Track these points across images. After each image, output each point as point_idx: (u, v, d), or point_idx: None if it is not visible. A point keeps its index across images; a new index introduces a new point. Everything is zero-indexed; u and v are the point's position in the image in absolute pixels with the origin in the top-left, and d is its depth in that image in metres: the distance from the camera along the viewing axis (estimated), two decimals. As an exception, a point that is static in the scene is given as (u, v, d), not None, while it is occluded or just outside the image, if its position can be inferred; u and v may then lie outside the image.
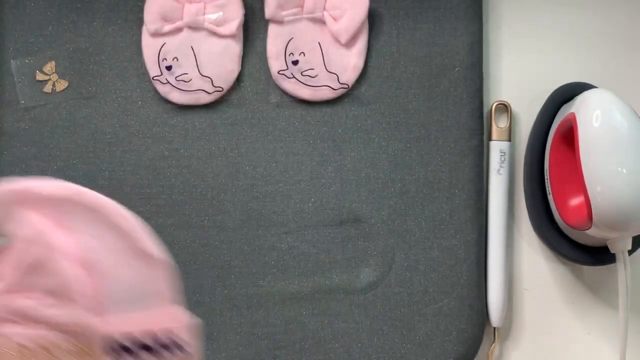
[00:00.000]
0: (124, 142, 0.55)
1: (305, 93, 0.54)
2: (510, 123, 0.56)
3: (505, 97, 0.57)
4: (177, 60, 0.55)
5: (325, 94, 0.54)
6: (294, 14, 0.54)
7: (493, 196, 0.56)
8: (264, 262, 0.54)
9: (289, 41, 0.54)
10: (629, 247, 0.50)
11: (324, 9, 0.54)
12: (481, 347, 0.55)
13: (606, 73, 0.57)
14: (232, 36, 0.54)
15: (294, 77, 0.54)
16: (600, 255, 0.54)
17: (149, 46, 0.55)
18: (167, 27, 0.54)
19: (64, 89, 0.55)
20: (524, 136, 0.57)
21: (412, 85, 0.55)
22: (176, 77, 0.55)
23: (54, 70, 0.55)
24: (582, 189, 0.48)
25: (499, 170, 0.56)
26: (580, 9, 0.58)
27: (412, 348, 0.54)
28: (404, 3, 0.56)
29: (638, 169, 0.46)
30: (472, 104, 0.55)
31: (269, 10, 0.54)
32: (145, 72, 0.55)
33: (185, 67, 0.55)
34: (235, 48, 0.55)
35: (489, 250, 0.55)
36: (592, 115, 0.47)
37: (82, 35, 0.56)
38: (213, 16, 0.54)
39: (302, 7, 0.54)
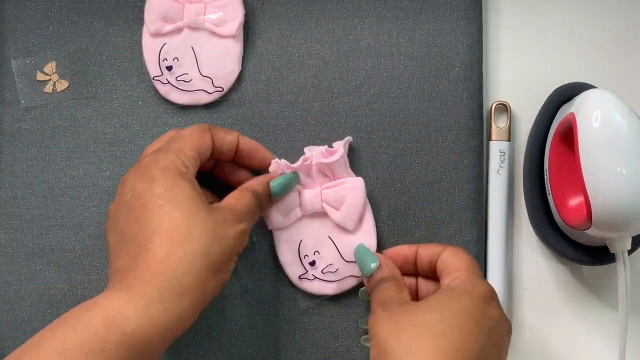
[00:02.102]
0: (124, 142, 0.55)
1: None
2: (510, 123, 0.57)
3: (504, 97, 0.58)
4: (178, 60, 0.55)
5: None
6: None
7: (493, 196, 0.56)
8: (264, 262, 0.54)
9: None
10: (629, 247, 0.50)
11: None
12: (481, 347, 0.55)
13: (606, 73, 0.58)
14: (232, 36, 0.55)
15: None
16: (599, 255, 0.54)
17: (150, 46, 0.55)
18: (168, 28, 0.55)
19: (64, 89, 0.56)
20: (524, 136, 0.57)
21: (412, 85, 0.55)
22: (176, 77, 0.55)
23: (54, 71, 0.55)
24: (581, 189, 0.48)
25: (498, 170, 0.56)
26: (580, 10, 0.58)
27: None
28: (404, 3, 0.56)
29: (638, 169, 0.46)
30: (472, 104, 0.55)
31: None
32: (145, 72, 0.55)
33: (186, 67, 0.55)
34: (235, 48, 0.55)
35: (489, 250, 0.55)
36: (592, 115, 0.47)
37: (82, 35, 0.56)
38: (213, 16, 0.54)
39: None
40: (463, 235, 0.54)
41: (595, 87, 0.53)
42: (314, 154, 0.52)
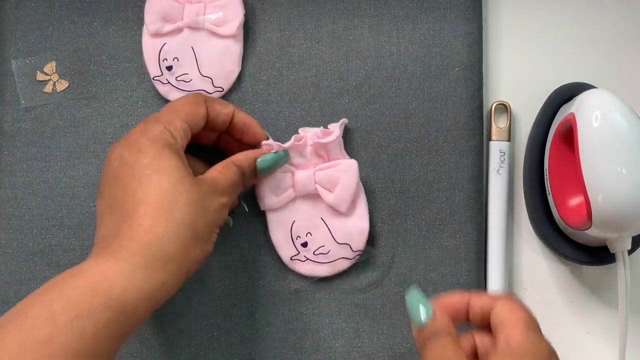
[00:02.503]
0: (124, 142, 0.55)
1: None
2: (510, 123, 0.57)
3: (504, 97, 0.58)
4: (178, 60, 0.55)
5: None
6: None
7: (493, 196, 0.56)
8: (265, 262, 0.54)
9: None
10: (629, 247, 0.50)
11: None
12: (481, 347, 0.55)
13: (606, 73, 0.58)
14: (232, 36, 0.55)
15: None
16: (599, 255, 0.54)
17: (150, 46, 0.55)
18: (168, 28, 0.55)
19: (64, 89, 0.56)
20: (524, 136, 0.57)
21: (412, 85, 0.55)
22: (176, 77, 0.55)
23: (54, 71, 0.55)
24: (581, 189, 0.48)
25: (498, 170, 0.56)
26: (580, 10, 0.58)
27: (412, 348, 0.54)
28: (404, 3, 0.56)
29: (638, 169, 0.46)
30: (472, 104, 0.55)
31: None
32: (145, 72, 0.55)
33: (186, 67, 0.55)
34: (235, 48, 0.55)
35: (489, 250, 0.55)
36: (592, 115, 0.47)
37: (82, 35, 0.56)
38: (213, 16, 0.54)
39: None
40: (463, 235, 0.54)
41: (595, 87, 0.53)
42: (309, 134, 0.52)
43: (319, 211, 0.53)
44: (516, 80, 0.58)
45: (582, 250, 0.54)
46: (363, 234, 0.53)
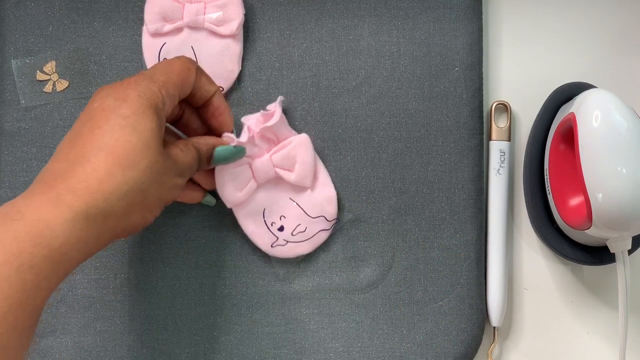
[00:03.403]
0: (124, 142, 0.55)
1: None
2: (510, 123, 0.57)
3: (504, 97, 0.58)
4: (178, 60, 0.55)
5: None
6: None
7: (493, 196, 0.56)
8: (265, 262, 0.54)
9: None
10: (629, 247, 0.50)
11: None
12: (481, 347, 0.55)
13: (606, 73, 0.58)
14: (232, 36, 0.55)
15: None
16: (600, 255, 0.54)
17: (150, 46, 0.55)
18: (167, 27, 0.55)
19: (64, 89, 0.56)
20: (524, 136, 0.57)
21: (412, 85, 0.55)
22: (176, 77, 0.55)
23: (54, 70, 0.55)
24: (581, 188, 0.48)
25: (498, 170, 0.56)
26: (580, 10, 0.58)
27: (412, 347, 0.54)
28: (404, 3, 0.56)
29: (638, 169, 0.46)
30: (472, 104, 0.55)
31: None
32: (145, 72, 0.55)
33: (186, 67, 0.55)
34: (235, 48, 0.55)
35: (489, 249, 0.55)
36: (592, 115, 0.47)
37: (82, 35, 0.56)
38: (213, 16, 0.54)
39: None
40: (463, 235, 0.54)
41: (595, 87, 0.53)
42: (252, 122, 0.52)
43: (286, 192, 0.53)
44: (516, 80, 0.58)
45: (582, 250, 0.54)
46: (332, 201, 0.53)
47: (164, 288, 0.54)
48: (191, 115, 0.51)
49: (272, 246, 0.53)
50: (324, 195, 0.53)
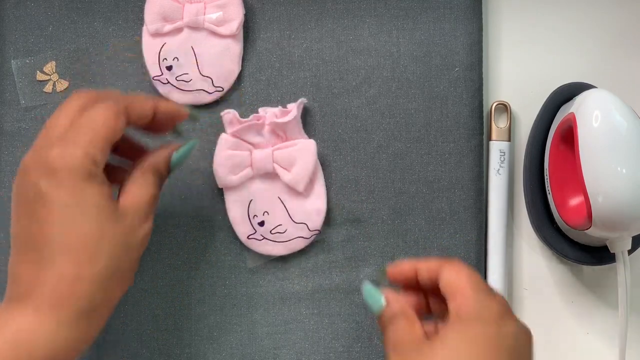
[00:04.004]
0: (124, 142, 0.55)
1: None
2: (510, 123, 0.57)
3: (504, 97, 0.58)
4: (178, 60, 0.55)
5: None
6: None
7: (493, 196, 0.56)
8: (265, 262, 0.54)
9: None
10: (629, 247, 0.50)
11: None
12: (481, 347, 0.55)
13: (606, 73, 0.58)
14: (232, 36, 0.55)
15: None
16: (600, 255, 0.54)
17: (150, 46, 0.55)
18: (168, 27, 0.55)
19: (64, 89, 0.56)
20: (524, 136, 0.57)
21: (412, 85, 0.55)
22: (176, 77, 0.55)
23: (54, 70, 0.55)
24: (581, 188, 0.48)
25: (498, 170, 0.56)
26: (580, 9, 0.58)
27: (412, 348, 0.54)
28: (404, 3, 0.56)
29: (638, 169, 0.46)
30: (472, 104, 0.55)
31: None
32: (145, 72, 0.55)
33: (186, 67, 0.55)
34: (235, 48, 0.55)
35: (489, 250, 0.55)
36: (592, 115, 0.47)
37: (82, 35, 0.56)
38: (213, 16, 0.54)
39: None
40: (463, 235, 0.54)
41: (595, 87, 0.53)
42: (268, 114, 0.52)
43: (277, 190, 0.53)
44: (516, 80, 0.58)
45: (582, 250, 0.54)
46: (320, 214, 0.53)
47: (164, 288, 0.54)
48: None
49: (248, 237, 0.54)
50: (314, 206, 0.53)
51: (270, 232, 0.53)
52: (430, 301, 0.47)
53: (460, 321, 0.42)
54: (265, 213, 0.53)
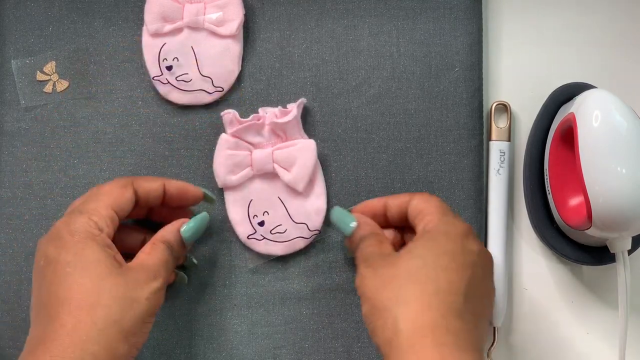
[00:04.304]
0: (124, 142, 0.55)
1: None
2: (510, 123, 0.57)
3: (504, 97, 0.58)
4: (178, 60, 0.55)
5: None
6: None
7: (493, 196, 0.56)
8: (265, 262, 0.54)
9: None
10: (629, 247, 0.50)
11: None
12: (481, 347, 0.55)
13: (606, 73, 0.58)
14: (232, 36, 0.55)
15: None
16: (599, 255, 0.54)
17: (149, 46, 0.55)
18: (168, 27, 0.55)
19: (64, 89, 0.56)
20: (524, 136, 0.57)
21: (412, 85, 0.55)
22: (176, 77, 0.55)
23: (54, 70, 0.55)
24: (581, 188, 0.48)
25: (498, 170, 0.56)
26: (580, 10, 0.58)
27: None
28: (404, 3, 0.56)
29: (638, 169, 0.46)
30: (472, 104, 0.55)
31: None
32: (145, 72, 0.55)
33: (186, 67, 0.55)
34: (235, 48, 0.55)
35: (489, 249, 0.55)
36: (592, 115, 0.47)
37: (82, 35, 0.56)
38: (213, 16, 0.54)
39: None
40: (463, 235, 0.54)
41: (595, 87, 0.53)
42: (268, 114, 0.53)
43: (277, 190, 0.53)
44: (516, 80, 0.58)
45: (582, 250, 0.54)
46: (320, 214, 0.53)
47: (164, 288, 0.54)
48: (161, 209, 0.51)
49: (248, 237, 0.54)
50: (314, 206, 0.53)
51: (271, 232, 0.53)
52: (398, 238, 0.51)
53: (427, 235, 0.45)
54: (265, 213, 0.53)
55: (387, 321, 0.42)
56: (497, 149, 0.56)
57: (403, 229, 0.51)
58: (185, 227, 0.49)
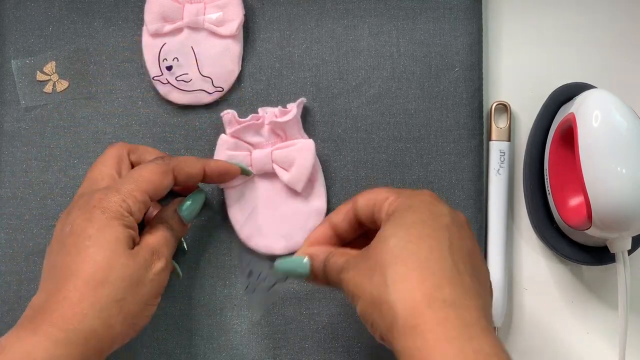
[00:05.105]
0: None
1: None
2: (510, 123, 0.57)
3: (504, 97, 0.58)
4: (178, 60, 0.55)
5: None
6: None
7: (493, 196, 0.56)
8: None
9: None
10: (629, 247, 0.50)
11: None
12: (481, 347, 0.55)
13: (606, 73, 0.58)
14: (232, 36, 0.55)
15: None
16: (599, 255, 0.54)
17: (149, 46, 0.55)
18: (168, 28, 0.55)
19: (64, 89, 0.56)
20: (524, 136, 0.57)
21: (412, 85, 0.55)
22: (176, 77, 0.55)
23: (54, 71, 0.55)
24: (581, 189, 0.48)
25: (498, 170, 0.56)
26: (580, 10, 0.58)
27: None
28: (404, 3, 0.56)
29: (637, 169, 0.46)
30: (472, 104, 0.55)
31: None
32: (145, 72, 0.55)
33: (186, 67, 0.55)
34: (235, 48, 0.55)
35: (489, 250, 0.55)
36: (592, 115, 0.47)
37: (82, 35, 0.56)
38: (213, 16, 0.54)
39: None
40: (463, 235, 0.54)
41: (595, 87, 0.53)
42: (267, 114, 0.53)
43: (277, 190, 0.53)
44: (516, 80, 0.58)
45: (582, 250, 0.54)
46: (321, 214, 0.54)
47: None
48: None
49: (249, 238, 0.54)
50: (314, 206, 0.53)
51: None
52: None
53: (393, 216, 0.43)
54: (266, 212, 0.53)
55: (383, 308, 0.40)
56: (497, 149, 0.56)
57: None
58: (183, 206, 0.50)
